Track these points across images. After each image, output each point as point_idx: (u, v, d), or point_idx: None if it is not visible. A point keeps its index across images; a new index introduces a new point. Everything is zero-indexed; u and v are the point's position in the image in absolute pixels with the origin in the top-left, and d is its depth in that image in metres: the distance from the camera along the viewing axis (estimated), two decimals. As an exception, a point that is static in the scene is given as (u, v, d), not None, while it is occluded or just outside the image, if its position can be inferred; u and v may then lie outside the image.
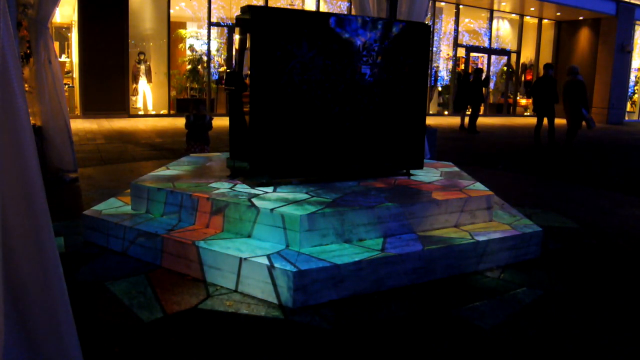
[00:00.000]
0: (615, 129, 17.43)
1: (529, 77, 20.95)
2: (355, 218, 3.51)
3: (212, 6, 14.60)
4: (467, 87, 14.15)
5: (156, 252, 3.54)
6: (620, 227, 4.99)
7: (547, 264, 3.85)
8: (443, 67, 19.16)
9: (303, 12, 7.28)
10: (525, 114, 20.76)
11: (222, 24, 14.99)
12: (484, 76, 15.05)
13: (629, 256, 4.18)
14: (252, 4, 7.24)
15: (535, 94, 11.32)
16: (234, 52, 6.21)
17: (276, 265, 3.02)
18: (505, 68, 20.77)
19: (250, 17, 3.87)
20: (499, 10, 19.77)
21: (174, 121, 12.97)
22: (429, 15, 15.16)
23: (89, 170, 6.73)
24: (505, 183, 6.80)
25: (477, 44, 19.55)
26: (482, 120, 15.64)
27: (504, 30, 20.76)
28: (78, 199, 5.28)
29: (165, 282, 3.26)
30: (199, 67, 15.20)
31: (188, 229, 3.66)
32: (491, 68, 19.96)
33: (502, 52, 20.49)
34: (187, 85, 15.32)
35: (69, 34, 14.57)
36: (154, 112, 14.49)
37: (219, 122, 7.42)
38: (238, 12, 4.10)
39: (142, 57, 14.18)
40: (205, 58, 15.02)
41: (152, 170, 4.72)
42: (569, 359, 2.59)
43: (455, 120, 15.64)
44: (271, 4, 15.31)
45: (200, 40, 15.19)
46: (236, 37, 4.31)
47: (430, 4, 6.87)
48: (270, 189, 4.00)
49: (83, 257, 3.67)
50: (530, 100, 13.59)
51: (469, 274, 3.57)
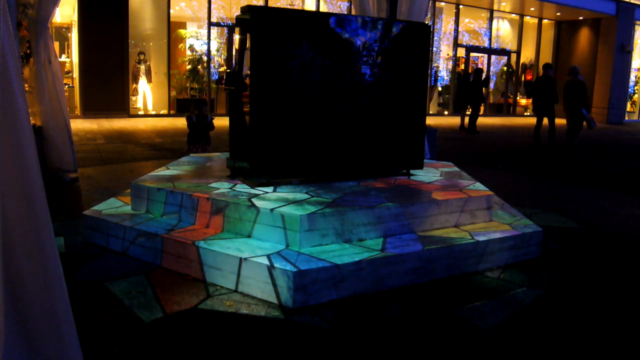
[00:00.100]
0: (615, 129, 17.43)
1: (529, 77, 20.94)
2: (355, 218, 3.51)
3: (212, 6, 14.60)
4: (467, 87, 14.15)
5: (156, 252, 3.54)
6: (620, 227, 4.99)
7: (547, 264, 3.85)
8: (443, 67, 19.15)
9: (303, 12, 7.28)
10: (525, 114, 20.76)
11: (222, 24, 14.99)
12: (484, 76, 15.05)
13: (629, 256, 4.18)
14: (252, 4, 7.24)
15: (535, 94, 11.32)
16: (234, 52, 6.21)
17: (276, 265, 3.02)
18: (505, 68, 20.77)
19: (250, 17, 3.87)
20: (499, 10, 19.77)
21: (174, 121, 12.97)
22: (429, 15, 15.16)
23: (89, 170, 6.73)
24: (505, 183, 6.80)
25: (477, 44, 19.55)
26: (482, 120, 15.64)
27: (504, 30, 20.76)
28: (78, 199, 5.28)
29: (165, 282, 3.26)
30: (199, 67, 15.19)
31: (188, 229, 3.67)
32: (491, 68, 19.96)
33: (502, 52, 20.49)
34: (187, 85, 15.31)
35: (69, 34, 14.57)
36: (154, 112, 14.49)
37: (219, 122, 7.42)
38: (238, 12, 4.10)
39: (142, 57, 14.18)
40: (205, 58, 15.02)
41: (152, 170, 4.72)
42: (569, 359, 2.59)
43: (455, 120, 15.64)
44: (271, 4, 15.32)
45: (200, 40, 15.19)
46: (236, 37, 4.31)
47: (430, 4, 6.87)
48: (270, 189, 4.00)
49: (83, 257, 3.67)
50: (530, 100, 13.60)
51: (469, 274, 3.57)
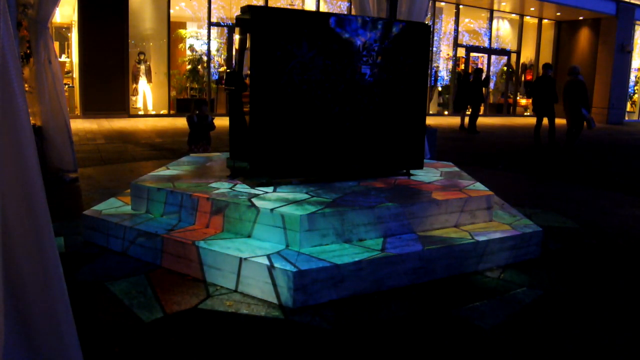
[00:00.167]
0: (615, 129, 17.43)
1: (529, 77, 20.94)
2: (355, 218, 3.51)
3: (212, 6, 14.60)
4: (467, 87, 14.15)
5: (156, 252, 3.54)
6: (620, 227, 4.99)
7: (547, 264, 3.85)
8: (443, 67, 19.15)
9: (303, 12, 7.28)
10: (525, 114, 20.75)
11: (222, 24, 14.99)
12: (484, 76, 15.05)
13: (629, 256, 4.18)
14: (252, 4, 7.24)
15: (535, 94, 11.33)
16: (234, 52, 6.21)
17: (276, 265, 3.02)
18: (505, 68, 20.76)
19: (250, 17, 3.87)
20: (499, 10, 19.77)
21: (174, 121, 12.97)
22: (429, 15, 15.16)
23: (89, 170, 6.73)
24: (505, 183, 6.80)
25: (477, 44, 19.55)
26: (482, 120, 15.64)
27: (504, 30, 20.76)
28: (78, 199, 5.28)
29: (165, 282, 3.26)
30: (199, 67, 15.19)
31: (188, 229, 3.66)
32: (491, 68, 19.95)
33: (502, 52, 20.49)
34: (187, 85, 15.31)
35: (69, 34, 14.57)
36: (154, 112, 14.49)
37: (219, 122, 7.43)
38: (238, 12, 4.10)
39: (142, 57, 14.18)
40: (205, 58, 15.02)
41: (152, 170, 4.72)
42: (569, 359, 2.59)
43: (455, 120, 15.64)
44: (271, 4, 15.31)
45: (200, 40, 15.19)
46: (236, 37, 4.31)
47: (430, 4, 6.87)
48: (270, 189, 4.00)
49: (83, 257, 3.67)
50: (530, 100, 13.61)
51: (469, 274, 3.57)
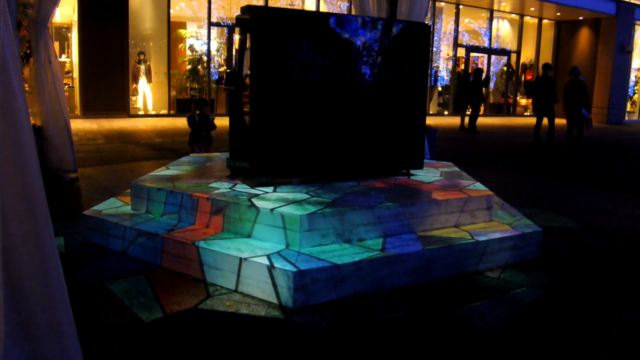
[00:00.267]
0: (615, 129, 17.43)
1: (529, 77, 20.94)
2: (355, 218, 3.51)
3: (212, 6, 14.60)
4: (467, 87, 14.14)
5: (156, 252, 3.54)
6: (620, 227, 4.99)
7: (547, 264, 3.85)
8: (443, 67, 19.15)
9: (303, 12, 7.28)
10: (525, 114, 20.75)
11: (222, 24, 14.99)
12: (484, 76, 15.04)
13: (629, 256, 4.18)
14: (252, 4, 7.24)
15: (535, 94, 11.33)
16: (234, 52, 6.21)
17: (276, 265, 3.02)
18: (505, 68, 20.76)
19: (250, 17, 3.87)
20: (499, 10, 19.77)
21: (174, 121, 12.97)
22: (429, 15, 15.16)
23: (89, 170, 6.73)
24: (505, 183, 6.80)
25: (477, 44, 19.55)
26: (482, 120, 15.64)
27: (504, 30, 20.75)
28: (78, 199, 5.28)
29: (165, 282, 3.26)
30: (199, 67, 15.19)
31: (188, 229, 3.66)
32: (491, 68, 19.95)
33: (502, 52, 20.49)
34: (187, 85, 15.31)
35: (69, 34, 14.57)
36: (154, 112, 14.49)
37: (219, 122, 7.42)
38: (238, 12, 4.10)
39: (142, 57, 14.18)
40: (205, 58, 15.02)
41: (152, 170, 4.72)
42: (568, 359, 2.59)
43: (455, 120, 15.63)
44: (271, 4, 15.31)
45: (200, 40, 15.18)
46: (236, 37, 4.31)
47: (430, 4, 6.87)
48: (270, 189, 4.00)
49: (83, 257, 3.67)
50: (530, 100, 13.61)
51: (469, 274, 3.57)
